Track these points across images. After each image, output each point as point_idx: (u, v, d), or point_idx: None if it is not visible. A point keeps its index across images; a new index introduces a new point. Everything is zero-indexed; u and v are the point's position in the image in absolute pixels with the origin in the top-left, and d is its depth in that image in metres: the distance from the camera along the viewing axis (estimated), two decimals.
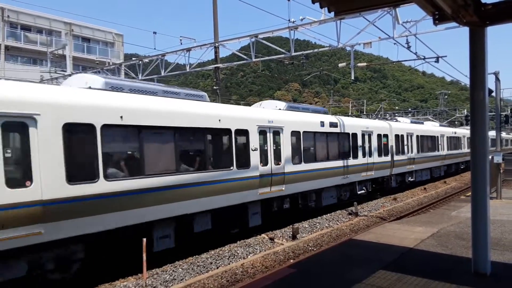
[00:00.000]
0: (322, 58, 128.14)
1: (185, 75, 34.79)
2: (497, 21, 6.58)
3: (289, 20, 15.56)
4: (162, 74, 19.66)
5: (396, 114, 49.30)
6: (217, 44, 18.60)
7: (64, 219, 7.32)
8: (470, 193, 7.00)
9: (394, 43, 15.64)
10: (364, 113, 53.41)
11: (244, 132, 11.67)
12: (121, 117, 8.50)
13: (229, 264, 9.37)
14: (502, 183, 16.58)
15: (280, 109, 14.53)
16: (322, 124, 15.50)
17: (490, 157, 15.72)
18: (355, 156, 17.31)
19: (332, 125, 16.11)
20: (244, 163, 11.55)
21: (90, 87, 8.91)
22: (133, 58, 22.14)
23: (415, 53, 16.38)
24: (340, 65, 21.23)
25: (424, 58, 17.27)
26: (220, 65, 19.88)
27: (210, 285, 7.93)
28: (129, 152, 9.08)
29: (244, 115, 12.08)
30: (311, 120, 15.04)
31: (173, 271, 8.73)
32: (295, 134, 13.86)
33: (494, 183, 16.03)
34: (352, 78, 19.24)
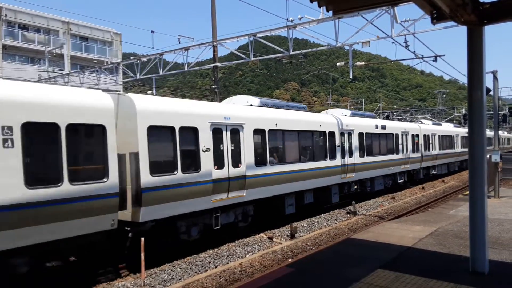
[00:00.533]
0: (320, 57, 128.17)
1: (183, 74, 34.77)
2: (495, 20, 6.58)
3: (287, 19, 15.54)
4: (160, 73, 19.62)
5: (395, 113, 49.33)
6: (215, 43, 18.57)
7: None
8: (468, 192, 7.01)
9: (393, 42, 15.65)
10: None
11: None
12: (276, 124, 13.07)
13: (227, 263, 9.36)
14: (500, 182, 16.61)
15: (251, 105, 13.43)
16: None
17: (488, 156, 15.75)
18: (397, 152, 21.60)
19: (382, 127, 20.60)
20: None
21: (251, 105, 13.26)
22: (131, 57, 22.08)
23: (413, 52, 16.38)
24: (338, 64, 21.23)
25: (422, 57, 17.28)
26: (219, 64, 19.85)
27: (208, 285, 7.93)
28: (280, 147, 13.59)
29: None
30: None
31: (171, 270, 8.73)
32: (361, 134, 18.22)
33: (492, 182, 16.05)
34: (351, 77, 19.24)
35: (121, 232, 8.54)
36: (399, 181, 22.36)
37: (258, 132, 12.34)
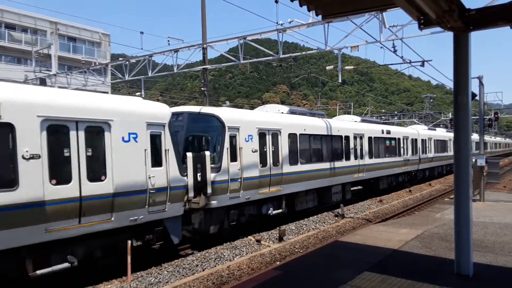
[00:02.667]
0: (310, 60, 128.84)
1: (172, 76, 34.64)
2: (481, 27, 6.71)
3: (277, 23, 15.61)
4: (149, 74, 19.53)
5: (383, 117, 49.82)
6: (205, 45, 18.54)
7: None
8: (453, 195, 7.11)
9: (381, 47, 15.88)
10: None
11: None
12: (305, 129, 15.13)
13: (215, 266, 9.32)
14: (485, 186, 16.87)
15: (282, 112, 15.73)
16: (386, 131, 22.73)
17: (473, 160, 15.99)
18: (399, 155, 23.75)
19: (387, 132, 22.63)
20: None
21: (282, 112, 15.52)
22: (120, 59, 21.93)
23: (401, 57, 16.60)
24: (327, 68, 21.38)
25: (410, 62, 17.52)
26: (208, 66, 19.82)
27: None
28: (307, 148, 15.43)
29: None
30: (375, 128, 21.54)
31: (158, 273, 8.65)
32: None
33: (478, 185, 16.30)
34: (340, 81, 19.39)
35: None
36: (400, 180, 25.07)
37: (291, 136, 14.34)
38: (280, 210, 13.69)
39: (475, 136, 32.63)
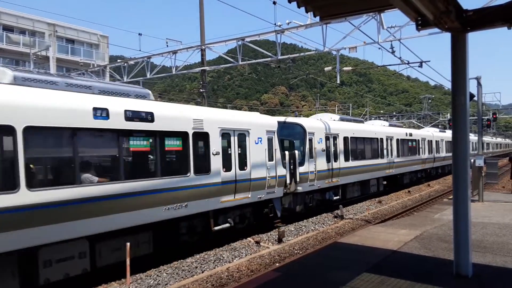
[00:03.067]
0: (308, 61, 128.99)
1: (171, 77, 34.64)
2: (478, 27, 6.72)
3: (275, 24, 15.64)
4: (148, 76, 19.54)
5: (381, 118, 49.89)
6: (203, 47, 18.56)
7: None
8: (452, 196, 7.11)
9: (379, 48, 15.90)
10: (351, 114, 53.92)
11: None
12: (353, 133, 18.65)
13: (214, 268, 9.30)
14: (484, 186, 16.89)
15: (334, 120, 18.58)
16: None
17: (472, 160, 16.02)
18: (419, 154, 27.42)
19: (410, 134, 26.21)
20: None
21: (334, 120, 18.50)
22: (119, 60, 21.94)
23: (400, 58, 16.66)
24: (326, 69, 21.44)
25: (408, 63, 17.57)
26: (207, 68, 19.84)
27: None
28: (355, 148, 19.02)
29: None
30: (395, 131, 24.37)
31: (157, 275, 8.63)
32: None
33: (476, 186, 16.32)
34: (338, 82, 19.44)
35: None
36: (419, 176, 28.92)
37: (345, 138, 17.93)
38: (338, 197, 17.55)
39: (484, 138, 36.48)
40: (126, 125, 8.51)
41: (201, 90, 20.06)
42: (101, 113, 8.04)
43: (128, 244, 7.87)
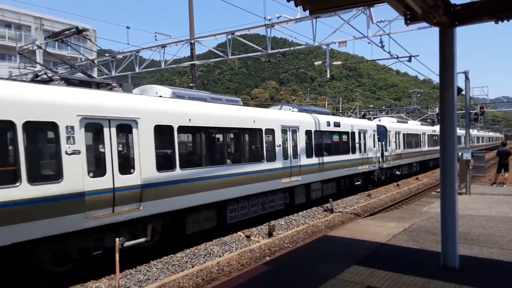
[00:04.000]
0: (299, 56, 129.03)
1: (160, 72, 34.32)
2: (466, 22, 6.76)
3: (265, 18, 15.58)
4: (137, 70, 19.34)
5: (371, 112, 50.19)
6: (193, 41, 18.42)
7: None
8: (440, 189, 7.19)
9: (369, 42, 15.94)
10: (340, 111, 54.12)
11: None
12: (407, 131, 28.83)
13: (204, 262, 9.31)
14: (471, 179, 17.13)
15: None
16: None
17: (459, 154, 16.22)
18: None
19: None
20: None
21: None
22: (107, 54, 21.66)
23: (389, 52, 16.71)
24: (316, 63, 21.41)
25: (397, 57, 17.65)
26: (196, 62, 19.71)
27: (185, 284, 7.86)
28: (409, 141, 29.10)
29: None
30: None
31: (147, 270, 8.61)
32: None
33: (464, 179, 16.55)
34: (328, 76, 19.46)
35: None
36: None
37: (397, 133, 26.25)
38: (399, 173, 26.86)
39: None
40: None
41: (190, 84, 19.94)
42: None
43: (117, 239, 7.82)
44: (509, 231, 9.73)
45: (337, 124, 18.34)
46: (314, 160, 16.17)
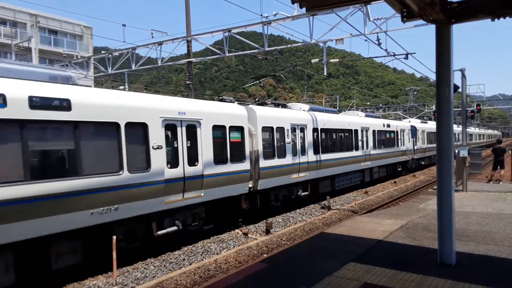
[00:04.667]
0: (296, 53, 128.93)
1: (157, 69, 34.24)
2: (463, 19, 6.77)
3: (261, 15, 15.55)
4: (133, 68, 19.26)
5: (368, 110, 50.31)
6: (189, 38, 18.36)
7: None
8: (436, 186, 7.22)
9: (365, 40, 15.94)
10: (338, 108, 54.26)
11: None
12: (424, 129, 33.93)
13: (202, 260, 9.32)
14: (468, 176, 17.20)
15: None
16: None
17: (456, 151, 16.27)
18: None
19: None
20: None
21: (409, 121, 31.85)
22: (103, 52, 21.56)
23: (386, 50, 16.74)
24: (313, 61, 21.44)
25: (394, 55, 17.69)
26: (193, 60, 19.66)
27: (182, 282, 7.86)
28: (426, 137, 34.00)
29: None
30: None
31: (144, 268, 8.61)
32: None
33: (460, 176, 16.61)
34: (325, 74, 19.48)
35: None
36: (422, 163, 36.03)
37: (413, 128, 30.36)
38: (423, 163, 33.10)
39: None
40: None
41: (187, 82, 19.89)
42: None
43: (114, 237, 7.81)
44: (505, 228, 9.78)
45: (389, 125, 25.26)
46: (378, 151, 23.19)
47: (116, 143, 8.49)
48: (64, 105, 7.58)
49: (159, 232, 9.59)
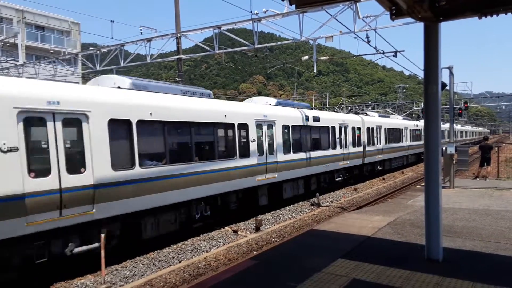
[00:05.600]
0: (286, 51, 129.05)
1: (146, 66, 33.95)
2: (451, 17, 6.83)
3: (251, 12, 15.49)
4: (122, 64, 19.05)
5: (357, 107, 50.55)
6: (179, 35, 18.22)
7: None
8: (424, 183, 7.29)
9: (355, 38, 15.96)
10: (327, 106, 54.40)
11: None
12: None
13: (191, 258, 9.29)
14: (455, 173, 17.42)
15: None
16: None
17: (443, 148, 16.46)
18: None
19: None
20: None
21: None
22: (91, 48, 21.28)
23: (375, 48, 16.78)
24: (303, 58, 21.40)
25: (383, 53, 17.74)
26: (183, 56, 19.51)
27: (171, 280, 7.83)
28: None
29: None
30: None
31: (133, 266, 8.55)
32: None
33: (447, 173, 16.82)
34: (315, 71, 19.48)
35: None
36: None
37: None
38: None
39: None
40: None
41: (177, 79, 19.76)
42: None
43: (103, 235, 7.73)
44: (491, 224, 9.93)
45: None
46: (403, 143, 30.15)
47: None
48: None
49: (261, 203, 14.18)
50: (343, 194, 18.30)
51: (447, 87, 17.73)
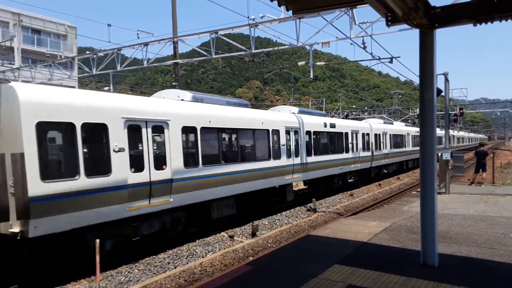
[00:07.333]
0: (283, 56, 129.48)
1: (143, 70, 33.93)
2: (446, 24, 6.88)
3: (248, 17, 15.55)
4: (118, 68, 19.02)
5: (353, 113, 50.78)
6: (176, 39, 18.25)
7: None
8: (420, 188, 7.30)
9: (351, 43, 16.06)
10: (324, 110, 54.60)
11: None
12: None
13: (187, 263, 9.24)
14: (450, 179, 17.48)
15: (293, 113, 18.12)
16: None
17: (439, 154, 16.53)
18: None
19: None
20: None
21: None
22: (87, 52, 21.26)
23: (371, 54, 16.89)
24: (299, 63, 21.51)
25: (379, 59, 17.86)
26: (180, 61, 19.54)
27: (167, 286, 7.78)
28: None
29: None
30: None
31: (128, 272, 8.49)
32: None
33: (443, 178, 16.87)
34: (311, 76, 19.55)
35: None
36: None
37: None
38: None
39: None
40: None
41: (173, 83, 19.75)
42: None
43: (98, 240, 7.68)
44: (486, 230, 9.96)
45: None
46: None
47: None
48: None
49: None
50: (339, 199, 18.31)
51: (443, 93, 17.85)
